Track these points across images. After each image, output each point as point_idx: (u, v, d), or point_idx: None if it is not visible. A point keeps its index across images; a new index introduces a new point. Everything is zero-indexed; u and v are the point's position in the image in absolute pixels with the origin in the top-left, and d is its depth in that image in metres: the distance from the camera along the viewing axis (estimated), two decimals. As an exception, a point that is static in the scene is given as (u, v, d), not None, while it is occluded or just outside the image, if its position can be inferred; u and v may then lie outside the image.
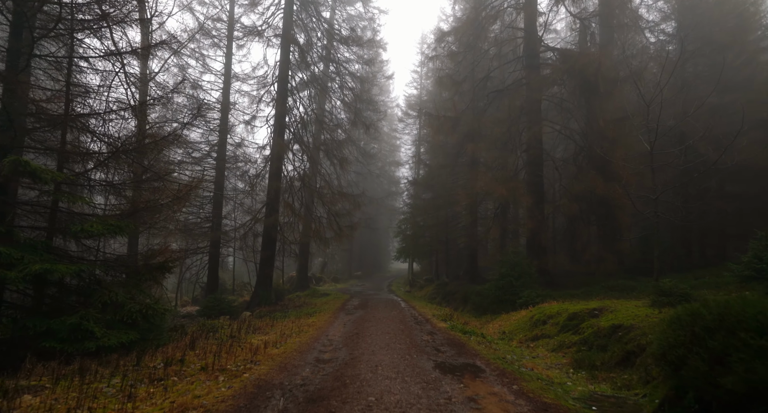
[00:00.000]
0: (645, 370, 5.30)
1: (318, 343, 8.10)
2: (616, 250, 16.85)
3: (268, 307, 17.35)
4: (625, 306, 9.32)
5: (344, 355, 6.94)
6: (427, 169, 26.10)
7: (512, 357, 7.79)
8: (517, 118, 18.67)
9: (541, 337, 9.58)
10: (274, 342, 8.12)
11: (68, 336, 5.90)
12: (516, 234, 24.68)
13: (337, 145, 20.34)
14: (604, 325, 7.92)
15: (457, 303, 19.69)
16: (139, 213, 7.75)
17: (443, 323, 11.56)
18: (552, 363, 7.45)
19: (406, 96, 41.49)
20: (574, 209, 17.17)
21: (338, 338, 8.74)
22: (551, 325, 9.78)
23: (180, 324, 12.02)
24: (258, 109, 19.71)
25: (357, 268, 44.99)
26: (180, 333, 9.44)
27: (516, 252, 16.18)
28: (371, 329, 10.02)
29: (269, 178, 18.84)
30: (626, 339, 6.73)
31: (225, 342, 8.46)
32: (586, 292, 15.24)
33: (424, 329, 10.24)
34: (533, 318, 10.78)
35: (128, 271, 7.62)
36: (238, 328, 10.29)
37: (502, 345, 9.17)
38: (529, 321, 10.88)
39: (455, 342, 8.38)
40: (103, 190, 8.11)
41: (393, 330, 9.80)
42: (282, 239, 19.47)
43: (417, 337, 8.96)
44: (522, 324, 11.11)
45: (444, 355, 7.06)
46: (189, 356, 6.53)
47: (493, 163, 18.67)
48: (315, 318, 12.31)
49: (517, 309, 14.49)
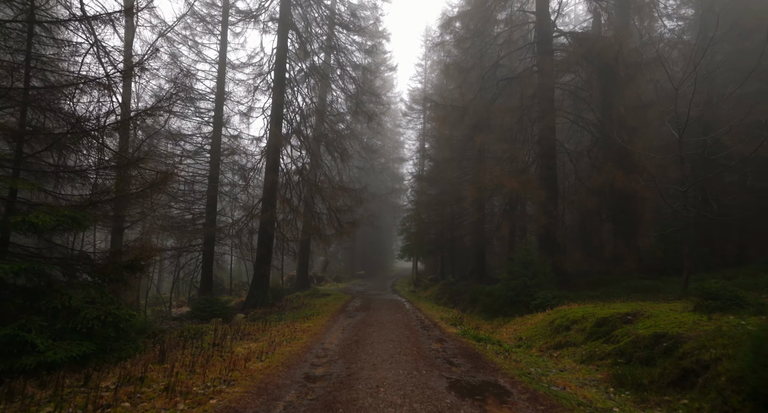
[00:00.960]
0: (720, 396, 4.18)
1: (311, 354, 7.01)
2: (636, 248, 15.69)
3: (264, 309, 16.29)
4: (661, 311, 8.18)
5: (340, 370, 5.85)
6: (432, 163, 24.97)
7: (537, 371, 6.68)
8: (529, 108, 17.51)
9: (565, 345, 8.45)
10: (260, 353, 7.03)
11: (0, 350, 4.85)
12: (525, 232, 23.53)
13: (338, 136, 19.23)
14: (644, 334, 6.79)
15: (464, 304, 18.58)
16: (103, 203, 6.67)
17: (453, 328, 10.45)
18: (585, 378, 6.33)
19: (410, 90, 40.39)
20: (592, 204, 16.02)
21: (335, 347, 7.64)
22: (576, 332, 8.65)
23: (161, 329, 10.97)
24: (254, 99, 18.64)
25: (360, 267, 43.91)
26: (155, 341, 8.38)
27: (529, 249, 15.04)
28: (373, 335, 8.93)
29: (265, 172, 17.76)
30: (679, 353, 5.59)
31: (206, 351, 7.39)
32: (606, 293, 14.10)
33: (433, 335, 9.14)
34: (554, 323, 9.65)
35: (91, 271, 6.55)
36: (224, 334, 9.22)
37: (523, 354, 8.04)
38: (550, 326, 9.76)
39: (469, 352, 7.27)
40: (69, 178, 7.04)
41: (397, 337, 8.70)
42: (280, 236, 18.39)
43: (425, 346, 7.85)
44: (541, 330, 9.98)
45: (459, 370, 5.96)
46: (154, 372, 5.46)
47: (503, 156, 17.52)
48: (312, 322, 11.22)
49: (531, 311, 13.38)
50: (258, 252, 17.66)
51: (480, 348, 7.77)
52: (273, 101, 17.68)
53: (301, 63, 18.87)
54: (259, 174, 19.39)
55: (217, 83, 19.20)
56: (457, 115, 18.37)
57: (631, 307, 8.86)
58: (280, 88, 17.70)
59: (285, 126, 18.36)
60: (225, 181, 21.15)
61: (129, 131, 13.14)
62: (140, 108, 15.30)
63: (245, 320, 14.33)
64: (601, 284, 15.73)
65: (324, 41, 19.96)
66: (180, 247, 17.73)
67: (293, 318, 12.76)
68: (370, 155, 29.80)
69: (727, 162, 16.59)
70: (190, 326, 10.51)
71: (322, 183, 18.13)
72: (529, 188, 15.92)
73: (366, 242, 45.50)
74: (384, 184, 42.56)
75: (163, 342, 7.84)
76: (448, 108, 18.46)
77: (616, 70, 15.31)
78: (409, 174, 41.97)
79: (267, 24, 17.65)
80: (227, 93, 19.19)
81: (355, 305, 16.12)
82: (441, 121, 19.82)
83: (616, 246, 15.27)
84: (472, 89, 19.91)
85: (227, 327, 10.71)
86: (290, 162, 17.97)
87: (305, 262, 26.56)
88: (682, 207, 11.89)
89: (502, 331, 11.86)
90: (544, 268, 14.67)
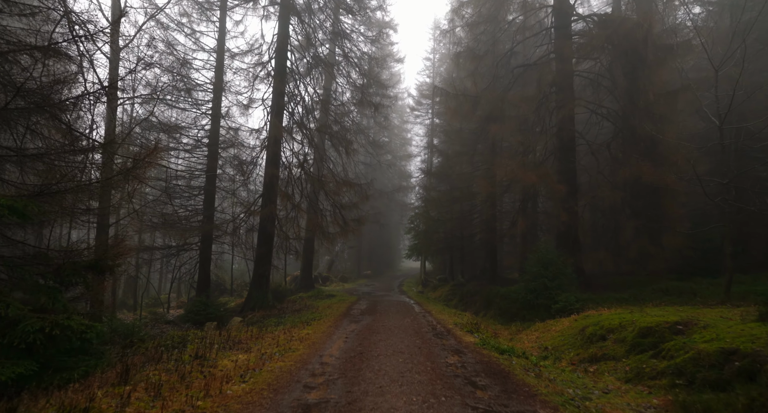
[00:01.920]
0: None
1: (306, 371, 5.92)
2: (665, 246, 14.45)
3: (264, 311, 15.26)
4: (715, 319, 7.01)
5: (339, 395, 4.76)
6: (442, 158, 23.80)
7: (576, 393, 5.55)
8: (547, 96, 16.32)
9: (602, 358, 7.29)
10: (246, 369, 5.96)
11: None
12: (539, 230, 22.28)
13: (342, 128, 18.14)
14: (706, 349, 5.62)
15: (477, 307, 17.44)
16: (63, 193, 5.62)
17: (469, 336, 9.31)
18: (638, 404, 5.18)
19: (418, 84, 39.24)
20: (615, 199, 14.81)
21: (335, 361, 6.55)
22: (615, 343, 7.49)
23: (150, 335, 9.95)
24: (254, 88, 17.61)
25: (366, 267, 42.83)
26: (132, 351, 7.34)
27: (548, 248, 13.87)
28: (379, 345, 7.82)
29: (266, 165, 16.73)
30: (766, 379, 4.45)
31: (185, 365, 6.33)
32: (635, 296, 12.90)
33: (448, 345, 8.02)
34: (585, 331, 8.49)
35: (44, 272, 5.51)
36: (211, 343, 8.16)
37: (554, 370, 6.89)
38: (580, 335, 8.60)
39: (494, 369, 6.14)
40: (18, 162, 6.01)
41: (407, 348, 7.59)
42: (281, 234, 17.36)
43: (440, 359, 6.74)
44: (569, 338, 8.82)
45: (486, 396, 4.83)
46: (108, 398, 4.39)
47: (518, 148, 16.34)
48: (312, 328, 10.13)
49: (553, 316, 12.22)
50: (257, 251, 16.63)
51: (505, 362, 6.63)
52: (274, 90, 16.64)
53: (303, 50, 17.79)
54: (259, 169, 18.38)
55: (215, 72, 18.18)
56: (469, 105, 17.22)
57: (678, 315, 7.68)
58: (281, 76, 16.65)
59: (286, 117, 17.31)
60: (225, 176, 20.15)
61: (114, 117, 12.17)
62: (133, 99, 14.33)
63: (241, 324, 13.31)
64: (627, 286, 14.52)
65: (328, 27, 18.86)
66: (174, 246, 16.75)
67: (293, 322, 11.69)
68: (377, 151, 28.69)
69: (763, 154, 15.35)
70: (174, 333, 9.46)
71: (325, 177, 17.04)
72: (548, 182, 14.76)
73: (373, 241, 44.45)
74: (391, 181, 41.44)
75: (135, 354, 6.79)
76: (460, 98, 17.30)
77: (644, 54, 14.07)
78: (418, 170, 40.86)
79: (267, 8, 16.61)
80: (226, 82, 18.17)
81: (361, 308, 15.04)
82: (452, 112, 18.68)
83: (643, 244, 14.04)
84: (484, 79, 18.72)
85: (218, 333, 9.65)
86: (291, 155, 16.91)
87: (309, 262, 25.51)
88: (724, 202, 10.67)
89: (523, 338, 10.72)
90: (565, 269, 13.50)
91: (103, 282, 6.72)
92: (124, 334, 11.11)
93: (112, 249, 6.04)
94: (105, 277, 6.22)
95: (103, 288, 6.89)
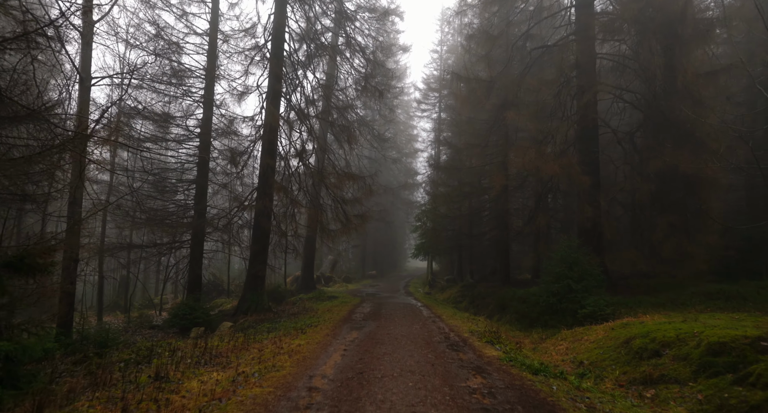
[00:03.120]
0: None
1: (286, 402, 4.54)
2: (704, 245, 12.96)
3: (258, 315, 13.91)
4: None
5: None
6: (451, 151, 22.38)
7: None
8: (568, 80, 14.87)
9: (660, 381, 5.87)
10: (209, 399, 4.60)
11: None
12: (551, 229, 20.79)
13: (343, 116, 16.76)
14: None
15: (490, 310, 16.01)
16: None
17: (490, 348, 7.90)
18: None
19: (425, 77, 37.87)
20: (646, 192, 13.34)
21: (327, 385, 5.18)
22: (674, 360, 6.07)
23: (118, 344, 8.64)
24: (248, 73, 16.26)
25: (371, 267, 41.45)
26: (75, 371, 6.01)
27: (573, 246, 12.44)
28: (384, 361, 6.45)
29: (261, 156, 15.41)
30: None
31: (140, 390, 5.00)
32: (673, 301, 11.46)
33: (467, 361, 6.63)
34: (631, 344, 7.06)
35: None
36: (183, 356, 6.82)
37: (601, 395, 5.47)
38: (623, 348, 7.17)
39: (532, 398, 4.74)
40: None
41: (418, 365, 6.22)
42: (277, 231, 16.03)
43: (460, 382, 5.36)
44: (610, 352, 7.39)
45: (531, 447, 3.45)
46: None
47: (538, 136, 14.90)
48: (305, 338, 8.76)
49: (581, 322, 10.79)
50: (251, 248, 15.31)
51: (543, 388, 5.23)
52: (270, 73, 15.31)
53: (302, 32, 16.44)
54: (254, 161, 17.07)
55: (207, 57, 16.86)
56: (482, 90, 15.78)
57: (755, 326, 6.25)
58: (277, 59, 15.32)
59: (284, 105, 15.98)
60: (219, 170, 18.85)
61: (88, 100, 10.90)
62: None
63: (231, 330, 11.98)
64: (659, 288, 13.06)
65: (329, 8, 17.48)
66: (162, 244, 15.47)
67: (286, 329, 10.32)
68: (382, 145, 27.31)
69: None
70: (143, 344, 8.13)
71: (325, 169, 15.69)
72: (571, 173, 13.31)
73: (378, 240, 43.11)
74: (396, 178, 40.05)
75: (81, 374, 5.45)
76: (472, 82, 15.88)
77: (681, 30, 12.59)
78: (424, 167, 39.51)
79: (262, -15, 15.26)
80: (219, 66, 16.86)
81: (364, 311, 13.68)
82: (463, 100, 17.26)
83: (678, 243, 12.56)
84: (497, 65, 17.25)
85: (195, 343, 8.30)
86: (289, 145, 15.55)
87: (310, 261, 24.18)
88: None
89: (549, 349, 9.30)
90: (592, 269, 12.06)
91: (43, 285, 5.39)
92: (98, 343, 9.83)
93: (38, 245, 4.72)
94: (36, 279, 4.91)
95: (45, 292, 5.55)
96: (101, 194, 17.09)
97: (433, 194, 24.27)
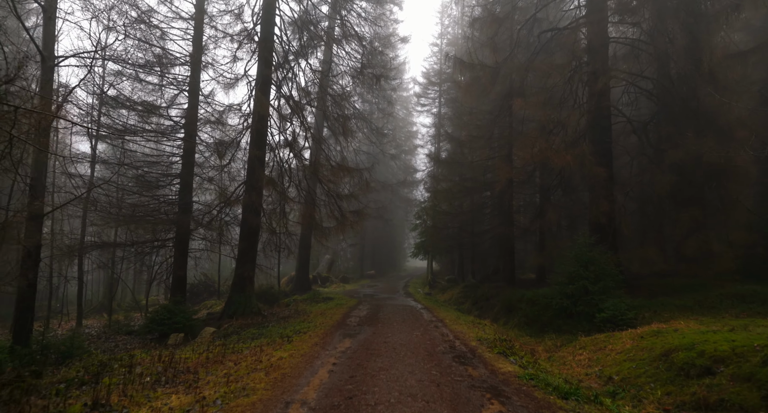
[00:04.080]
0: None
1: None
2: (729, 241, 11.91)
3: (245, 319, 12.80)
4: None
5: None
6: (453, 143, 21.28)
7: None
8: (579, 66, 13.81)
9: (718, 407, 4.78)
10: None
11: None
12: (554, 226, 19.58)
13: (337, 102, 15.66)
14: None
15: (495, 313, 14.94)
16: None
17: (505, 361, 6.81)
18: None
19: (425, 71, 36.67)
20: (668, 184, 12.25)
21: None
22: (733, 380, 4.99)
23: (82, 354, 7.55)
24: (236, 58, 15.15)
25: (370, 267, 40.35)
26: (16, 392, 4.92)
27: (588, 243, 11.36)
28: (380, 380, 5.37)
29: (249, 147, 14.32)
30: None
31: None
32: (699, 303, 10.40)
33: (479, 379, 5.55)
34: (672, 359, 5.98)
35: None
36: (141, 374, 5.73)
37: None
38: (662, 362, 6.09)
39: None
40: None
41: (420, 386, 5.14)
42: (268, 228, 14.95)
43: (472, 409, 4.28)
44: (643, 366, 6.31)
45: None
46: None
47: (548, 125, 13.82)
48: (290, 348, 7.66)
49: (599, 328, 9.75)
50: (239, 246, 14.21)
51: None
52: (259, 58, 14.22)
53: (293, 14, 15.34)
54: (243, 153, 15.96)
55: (193, 42, 15.75)
56: (487, 77, 14.67)
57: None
58: (267, 43, 14.22)
59: (274, 92, 14.88)
60: (206, 164, 17.72)
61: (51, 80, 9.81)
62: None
63: (214, 336, 10.88)
64: (681, 289, 11.99)
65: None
66: (143, 242, 14.38)
67: (271, 337, 9.22)
68: (380, 139, 26.20)
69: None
70: (98, 357, 7.03)
71: (318, 161, 14.60)
72: (585, 164, 12.24)
73: (376, 239, 42.05)
74: (395, 175, 38.95)
75: None
76: (476, 69, 14.77)
77: (707, 7, 11.54)
78: (424, 164, 38.44)
79: (250, -38, 14.18)
80: (205, 52, 15.75)
81: (360, 314, 12.60)
82: (466, 88, 16.17)
83: (703, 240, 11.50)
84: (502, 53, 16.14)
85: (159, 357, 7.19)
86: (279, 135, 14.47)
87: (305, 261, 23.09)
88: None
89: (567, 358, 8.23)
90: (610, 269, 10.98)
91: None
92: (61, 353, 8.74)
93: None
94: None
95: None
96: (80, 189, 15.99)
97: (434, 190, 23.19)
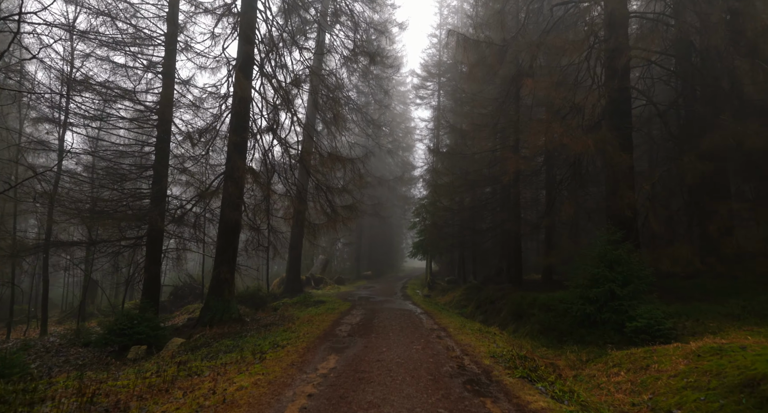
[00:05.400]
0: None
1: None
2: None
3: (222, 327, 11.26)
4: None
5: None
6: (455, 134, 19.77)
7: None
8: (598, 42, 12.33)
9: None
10: None
11: None
12: (558, 223, 18.04)
13: (328, 88, 14.13)
14: None
15: (503, 318, 13.48)
16: None
17: (530, 389, 5.29)
18: None
19: (423, 62, 35.10)
20: (701, 173, 10.77)
21: None
22: None
23: (23, 374, 5.99)
24: (214, 35, 13.63)
25: (366, 267, 38.80)
26: None
27: (613, 240, 9.87)
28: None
29: (229, 133, 12.80)
30: None
31: None
32: (746, 310, 8.93)
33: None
34: (759, 390, 4.50)
35: None
36: None
37: None
38: (743, 393, 4.59)
39: None
40: None
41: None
42: (251, 224, 13.44)
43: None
44: (716, 397, 4.81)
45: None
46: None
47: (562, 109, 12.36)
48: (257, 372, 6.10)
49: (632, 340, 8.29)
50: (217, 244, 12.68)
51: None
52: (240, 34, 12.70)
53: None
54: (224, 142, 14.42)
55: (167, 19, 14.22)
56: (494, 56, 13.20)
57: None
58: (248, 16, 12.72)
59: (256, 73, 13.36)
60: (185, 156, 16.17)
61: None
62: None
63: (181, 349, 9.34)
64: (718, 292, 10.53)
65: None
66: (104, 241, 12.83)
67: (242, 353, 7.67)
68: (376, 132, 24.71)
69: None
70: (11, 389, 5.47)
71: (305, 148, 13.08)
72: (608, 150, 10.76)
73: (373, 239, 40.56)
74: (392, 172, 37.45)
75: None
76: (482, 46, 13.29)
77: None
78: (422, 160, 36.96)
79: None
80: (182, 31, 14.22)
81: (352, 321, 11.09)
82: (470, 71, 14.77)
83: (744, 235, 10.07)
84: (510, 31, 14.67)
85: (79, 389, 5.64)
86: (261, 119, 12.94)
87: (296, 261, 21.57)
88: None
89: (600, 379, 6.73)
90: (640, 270, 9.49)
91: None
92: None
93: None
94: None
95: None
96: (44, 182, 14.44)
97: (434, 185, 21.68)
